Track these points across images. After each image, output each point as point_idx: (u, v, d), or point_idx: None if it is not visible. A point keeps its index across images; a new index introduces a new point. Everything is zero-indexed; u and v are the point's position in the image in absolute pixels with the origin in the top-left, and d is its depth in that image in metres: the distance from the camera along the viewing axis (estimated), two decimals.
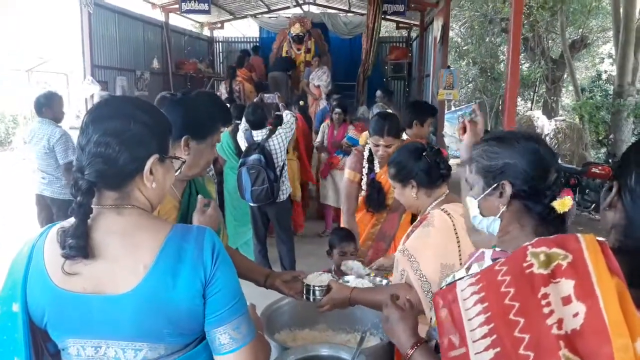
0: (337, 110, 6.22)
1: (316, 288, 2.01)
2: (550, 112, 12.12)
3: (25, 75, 12.66)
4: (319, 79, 9.35)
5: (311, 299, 2.01)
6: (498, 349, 0.85)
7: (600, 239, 0.99)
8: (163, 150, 1.22)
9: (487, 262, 1.26)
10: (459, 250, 1.89)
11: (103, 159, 1.12)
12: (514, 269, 0.92)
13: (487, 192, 1.33)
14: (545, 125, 9.87)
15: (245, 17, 13.14)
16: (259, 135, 4.58)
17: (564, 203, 1.23)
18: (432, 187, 2.07)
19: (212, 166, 1.85)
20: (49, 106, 4.64)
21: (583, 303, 0.82)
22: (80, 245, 1.10)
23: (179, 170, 1.33)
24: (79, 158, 1.15)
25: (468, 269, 1.31)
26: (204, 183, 2.02)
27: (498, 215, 1.31)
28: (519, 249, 0.97)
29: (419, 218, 2.12)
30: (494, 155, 1.34)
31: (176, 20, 11.36)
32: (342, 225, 3.26)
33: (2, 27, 18.00)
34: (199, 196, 1.73)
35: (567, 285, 0.84)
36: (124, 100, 1.25)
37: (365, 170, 3.18)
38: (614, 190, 1.17)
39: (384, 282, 2.31)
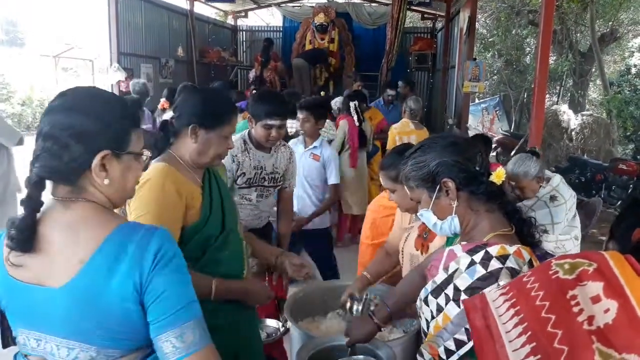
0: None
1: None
2: (577, 107, 11.89)
3: (53, 60, 12.85)
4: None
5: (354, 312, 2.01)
6: (534, 344, 0.89)
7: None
8: (118, 146, 1.15)
9: (462, 256, 1.30)
10: None
11: (49, 154, 1.09)
12: (541, 277, 0.98)
13: (435, 195, 1.41)
14: (571, 120, 9.69)
15: (269, 5, 13.13)
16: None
17: (498, 174, 1.38)
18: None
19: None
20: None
21: (614, 300, 0.84)
22: (20, 238, 1.08)
23: (146, 166, 1.31)
24: (35, 149, 1.13)
25: (446, 269, 1.33)
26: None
27: (454, 212, 1.40)
28: (543, 263, 1.03)
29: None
30: (423, 163, 1.43)
31: (201, 9, 11.41)
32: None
33: (31, 14, 18.28)
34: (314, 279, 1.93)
35: (594, 287, 0.88)
36: (83, 92, 1.19)
37: None
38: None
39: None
